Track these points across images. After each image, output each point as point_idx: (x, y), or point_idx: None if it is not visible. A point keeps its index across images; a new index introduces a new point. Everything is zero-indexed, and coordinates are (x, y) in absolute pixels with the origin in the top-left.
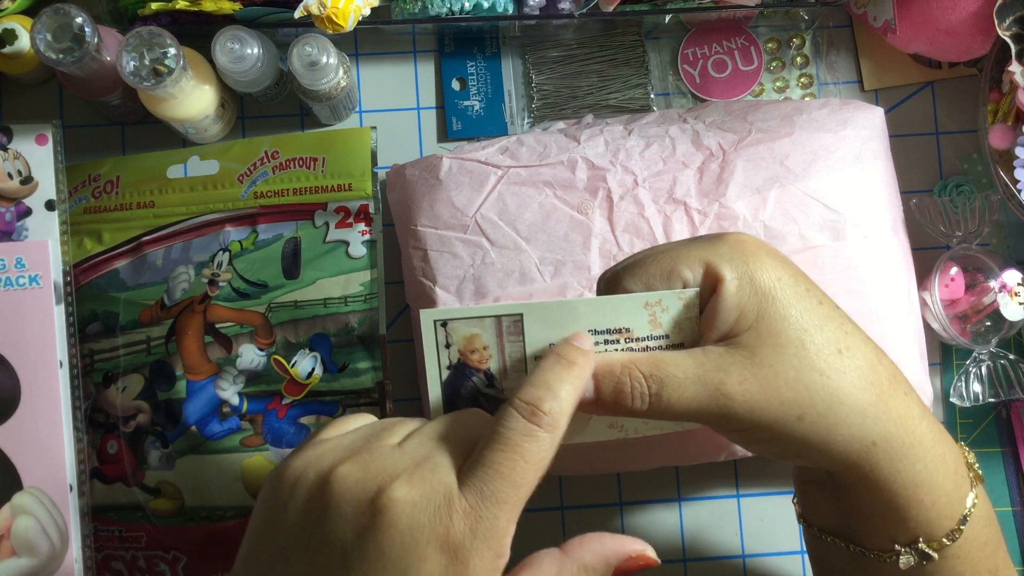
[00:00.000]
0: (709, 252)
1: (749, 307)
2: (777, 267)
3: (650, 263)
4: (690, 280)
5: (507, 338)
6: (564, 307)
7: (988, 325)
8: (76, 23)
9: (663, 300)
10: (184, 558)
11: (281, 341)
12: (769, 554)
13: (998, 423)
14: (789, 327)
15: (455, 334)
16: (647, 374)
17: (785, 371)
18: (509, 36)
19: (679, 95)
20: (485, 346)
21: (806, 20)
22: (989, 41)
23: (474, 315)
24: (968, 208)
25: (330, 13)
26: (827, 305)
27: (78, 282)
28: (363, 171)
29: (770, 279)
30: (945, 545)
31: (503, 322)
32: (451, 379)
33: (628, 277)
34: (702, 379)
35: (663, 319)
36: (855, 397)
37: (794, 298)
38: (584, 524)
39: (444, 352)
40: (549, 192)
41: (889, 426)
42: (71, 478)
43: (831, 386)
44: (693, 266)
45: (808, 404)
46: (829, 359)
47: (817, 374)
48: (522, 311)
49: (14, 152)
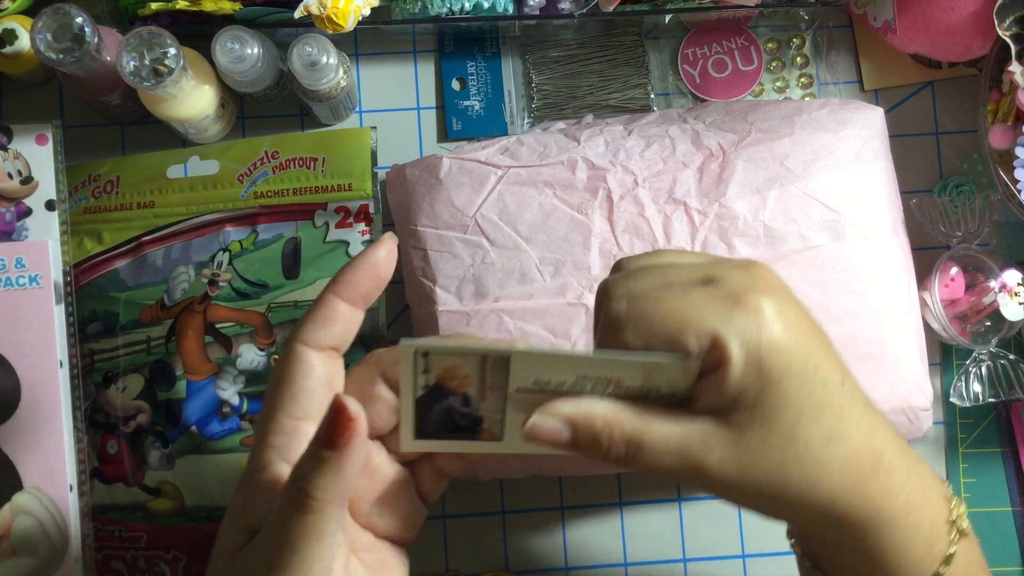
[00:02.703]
0: (722, 323)
1: (749, 391)
2: (791, 346)
3: (656, 321)
4: (694, 350)
5: (490, 373)
6: (556, 358)
7: (988, 325)
8: (76, 23)
9: (662, 365)
10: (184, 558)
11: (281, 341)
12: (769, 554)
13: (998, 423)
14: (784, 415)
15: (435, 364)
16: (627, 436)
17: (768, 460)
18: (509, 36)
19: (679, 95)
20: (465, 375)
21: (806, 20)
22: (989, 41)
23: (458, 350)
24: (968, 208)
25: (330, 13)
26: (832, 386)
27: (78, 282)
28: (363, 171)
29: (780, 364)
30: None
31: (488, 360)
32: (424, 398)
33: (630, 331)
34: (683, 453)
35: (657, 378)
36: (831, 487)
37: (799, 385)
38: (584, 524)
39: (421, 377)
40: (549, 192)
41: (859, 509)
42: (71, 478)
43: (810, 477)
44: (701, 336)
45: (783, 491)
46: (815, 450)
47: (799, 464)
48: (509, 354)
49: (14, 152)
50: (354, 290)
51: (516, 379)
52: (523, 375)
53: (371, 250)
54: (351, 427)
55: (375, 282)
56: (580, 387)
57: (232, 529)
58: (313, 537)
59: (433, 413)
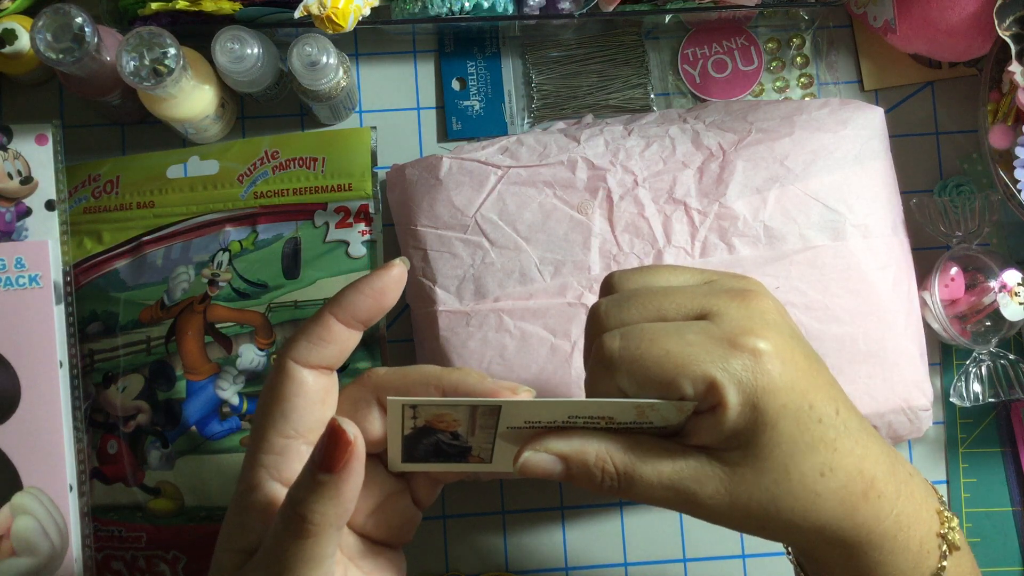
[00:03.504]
0: (718, 369)
1: (742, 432)
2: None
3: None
4: (690, 394)
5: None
6: (547, 405)
7: (988, 325)
8: (76, 23)
9: (656, 406)
10: (184, 558)
11: (281, 341)
12: (769, 554)
13: (998, 423)
14: (778, 451)
15: (424, 413)
16: (620, 470)
17: (760, 495)
18: (509, 36)
19: (679, 95)
20: (455, 419)
21: (806, 20)
22: (989, 41)
23: (449, 404)
24: (968, 208)
25: (330, 13)
26: (827, 420)
27: (78, 282)
28: (363, 171)
29: (775, 407)
30: None
31: (478, 410)
32: (413, 435)
33: (624, 376)
34: (675, 487)
35: (651, 415)
36: (821, 516)
37: (793, 423)
38: (584, 524)
39: (410, 422)
40: (549, 192)
41: (848, 532)
42: (71, 478)
43: (802, 508)
44: (697, 381)
45: (775, 519)
46: (809, 484)
47: (792, 499)
48: (500, 405)
49: (14, 152)
50: (352, 314)
51: (506, 421)
52: (514, 418)
53: (377, 275)
54: (348, 451)
55: (376, 308)
56: (572, 423)
57: (227, 551)
58: (312, 561)
59: (422, 445)
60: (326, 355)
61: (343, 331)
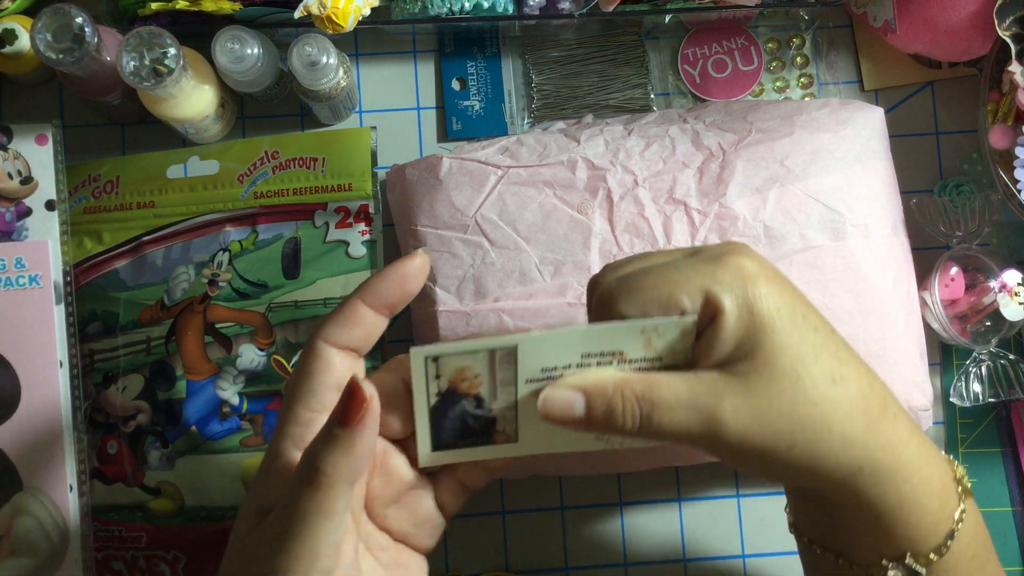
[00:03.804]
0: (709, 280)
1: (746, 337)
2: (776, 295)
3: (647, 288)
4: (688, 308)
5: (499, 367)
6: (560, 337)
7: (988, 325)
8: (76, 23)
9: (660, 327)
10: (184, 558)
11: (281, 341)
12: (769, 554)
13: (998, 423)
14: (785, 357)
15: (446, 367)
16: (639, 395)
17: (779, 402)
18: (509, 36)
19: (679, 95)
20: (476, 375)
21: (806, 20)
22: (989, 41)
23: (467, 350)
24: (968, 208)
25: (330, 13)
26: (823, 332)
27: (78, 282)
28: (363, 171)
29: (769, 309)
30: (932, 560)
31: (497, 354)
32: (438, 405)
33: (624, 301)
34: (694, 404)
35: (658, 343)
36: (845, 427)
37: (792, 327)
38: (584, 524)
39: (433, 383)
40: (549, 192)
41: (876, 453)
42: (71, 478)
43: (823, 416)
44: (692, 295)
45: (799, 434)
46: (823, 389)
47: (811, 405)
48: (517, 343)
49: (14, 152)
50: (378, 297)
51: (525, 370)
52: (531, 363)
53: (401, 261)
54: (364, 407)
55: (401, 293)
56: (586, 364)
57: (247, 512)
58: (322, 513)
59: (447, 420)
60: (353, 336)
61: (369, 314)
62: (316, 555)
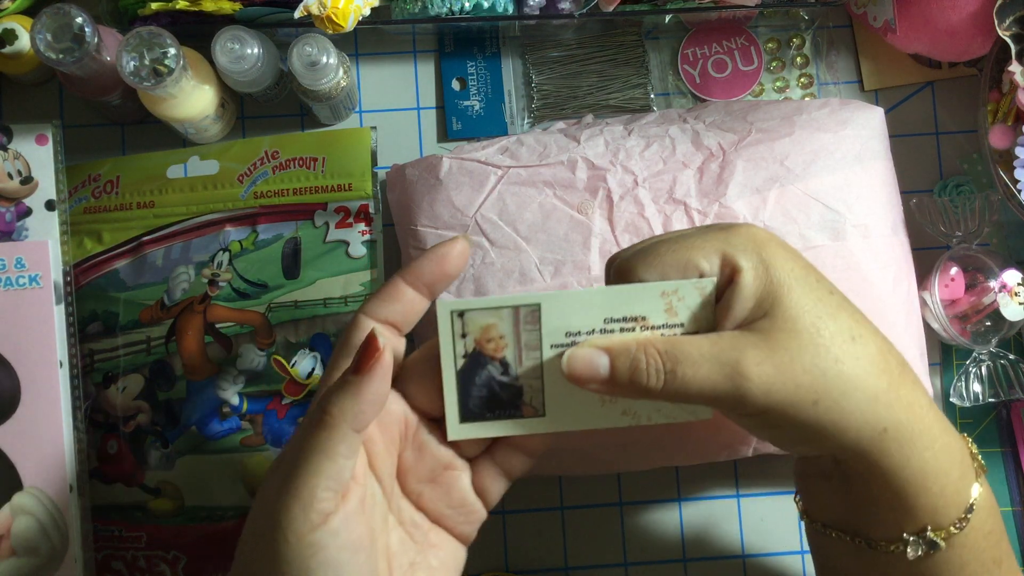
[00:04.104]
0: (724, 243)
1: (765, 296)
2: (789, 258)
3: (665, 253)
4: (706, 270)
5: (524, 327)
6: (581, 297)
7: (988, 325)
8: (76, 23)
9: (680, 289)
10: (184, 558)
11: (281, 341)
12: (769, 554)
13: (998, 423)
14: (804, 314)
15: (471, 324)
16: (662, 351)
17: (801, 356)
18: (509, 36)
19: (679, 95)
20: (501, 335)
21: (806, 20)
22: (989, 41)
23: (492, 306)
24: (968, 208)
25: (330, 13)
26: (837, 295)
27: (78, 282)
28: (363, 171)
29: (784, 269)
30: (952, 534)
31: (520, 312)
32: (466, 368)
33: (643, 266)
34: (718, 358)
35: (679, 308)
36: (868, 384)
37: (807, 288)
38: (584, 524)
39: (460, 341)
40: (549, 192)
41: (900, 413)
42: (71, 478)
43: (846, 372)
44: (709, 256)
45: (823, 389)
46: (843, 346)
47: (832, 360)
48: (540, 301)
49: (14, 152)
50: (417, 276)
51: (548, 332)
52: (554, 324)
53: (442, 244)
54: (376, 356)
55: (439, 272)
56: (609, 331)
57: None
58: (324, 452)
59: (475, 387)
60: (393, 311)
61: (409, 292)
62: (314, 495)
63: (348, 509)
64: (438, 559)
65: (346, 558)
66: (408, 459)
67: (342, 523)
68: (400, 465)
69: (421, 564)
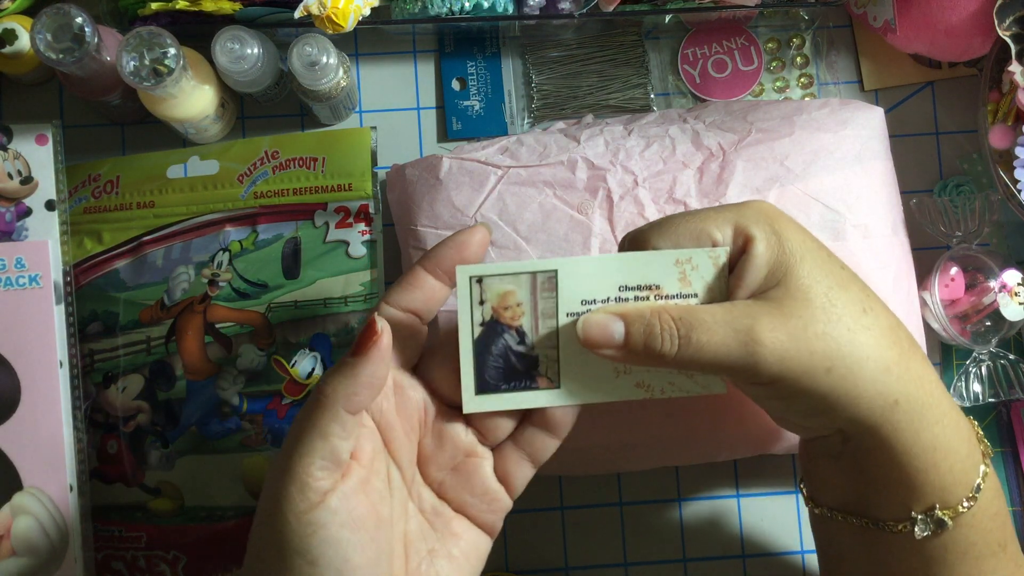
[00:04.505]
0: (737, 215)
1: (777, 265)
2: (801, 232)
3: (679, 224)
4: (719, 240)
5: (540, 294)
6: (597, 263)
7: (988, 325)
8: (76, 23)
9: (693, 258)
10: (184, 558)
11: (281, 341)
12: (769, 554)
13: (998, 423)
14: (816, 284)
15: (489, 291)
16: (676, 317)
17: (814, 324)
18: (509, 36)
19: (679, 95)
20: (519, 303)
21: (806, 20)
22: (989, 41)
23: (509, 271)
24: (968, 208)
25: (330, 13)
26: (848, 270)
27: (78, 282)
28: (363, 171)
29: (796, 240)
30: (960, 513)
31: (538, 278)
32: (483, 336)
33: (656, 236)
34: (732, 324)
35: (693, 277)
36: (880, 354)
37: (819, 260)
38: (584, 524)
39: (478, 309)
40: (549, 192)
41: (910, 386)
42: (71, 478)
43: (858, 341)
44: (722, 227)
45: (836, 357)
46: (856, 316)
47: (845, 328)
48: (557, 267)
49: (14, 152)
50: (437, 263)
51: (564, 300)
52: (571, 292)
53: (462, 232)
54: (373, 339)
55: (459, 260)
56: (624, 300)
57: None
58: (316, 431)
59: (491, 358)
60: (414, 299)
61: (428, 279)
62: (308, 473)
63: (347, 488)
64: (459, 548)
65: (346, 536)
66: (428, 446)
67: (340, 502)
68: (420, 453)
69: (441, 552)
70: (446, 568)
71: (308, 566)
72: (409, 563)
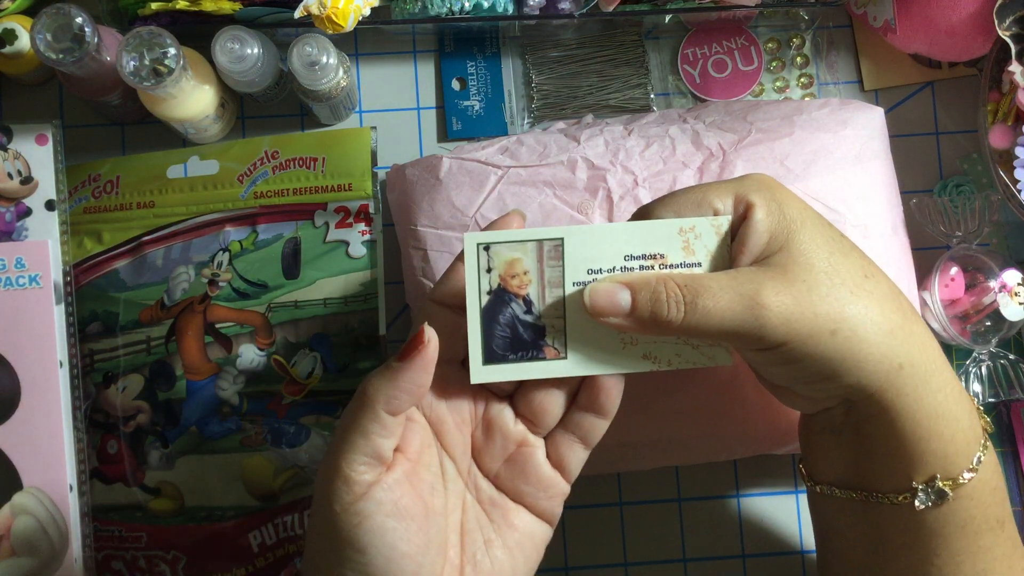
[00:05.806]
0: (737, 185)
1: (779, 231)
2: (799, 200)
3: (680, 195)
4: (720, 210)
5: (547, 263)
6: (602, 231)
7: (988, 325)
8: (76, 23)
9: (696, 226)
10: (184, 558)
11: (281, 341)
12: (769, 554)
13: (998, 423)
14: (818, 249)
15: (496, 258)
16: (682, 284)
17: (818, 287)
18: (509, 36)
19: (679, 95)
20: (525, 271)
21: (806, 20)
22: (989, 41)
23: (517, 239)
24: (968, 208)
25: (330, 13)
26: (847, 239)
27: (78, 282)
28: (363, 171)
29: (796, 208)
30: (960, 484)
31: (544, 247)
32: (490, 306)
33: (660, 206)
34: (737, 290)
35: (696, 246)
36: (884, 317)
37: (819, 227)
38: (584, 524)
39: (485, 277)
40: (549, 192)
41: (914, 351)
42: (71, 478)
43: (862, 304)
44: (723, 197)
45: (840, 319)
46: (858, 280)
47: (848, 292)
48: (563, 235)
49: (14, 152)
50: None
51: (571, 270)
52: (577, 260)
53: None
54: (419, 348)
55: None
56: (629, 270)
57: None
58: (357, 430)
59: (498, 327)
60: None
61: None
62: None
63: (391, 480)
64: (515, 538)
65: (392, 524)
66: (480, 438)
67: (385, 493)
68: (474, 445)
69: (496, 542)
70: (501, 557)
71: (357, 554)
72: (465, 552)
